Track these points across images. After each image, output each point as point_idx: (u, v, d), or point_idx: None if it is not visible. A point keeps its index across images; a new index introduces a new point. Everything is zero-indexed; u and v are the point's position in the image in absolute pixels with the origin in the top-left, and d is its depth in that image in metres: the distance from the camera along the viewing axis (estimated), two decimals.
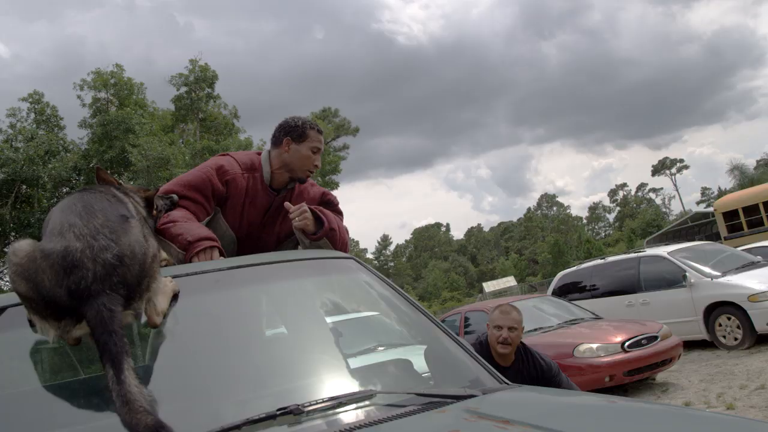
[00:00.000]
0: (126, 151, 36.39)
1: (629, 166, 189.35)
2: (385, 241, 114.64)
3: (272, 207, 3.47)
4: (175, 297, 2.40)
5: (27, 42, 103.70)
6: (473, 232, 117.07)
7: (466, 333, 11.76)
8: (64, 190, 38.82)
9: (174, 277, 2.52)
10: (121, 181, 2.87)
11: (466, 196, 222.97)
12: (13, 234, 35.15)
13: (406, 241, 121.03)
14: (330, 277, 2.95)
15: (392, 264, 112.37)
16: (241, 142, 42.08)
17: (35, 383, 2.43)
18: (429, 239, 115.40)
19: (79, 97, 40.13)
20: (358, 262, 2.99)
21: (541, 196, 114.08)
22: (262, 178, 3.47)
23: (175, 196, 3.15)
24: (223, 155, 3.58)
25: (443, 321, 12.89)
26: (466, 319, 12.03)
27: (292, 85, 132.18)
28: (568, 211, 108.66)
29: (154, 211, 2.88)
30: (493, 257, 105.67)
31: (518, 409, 2.09)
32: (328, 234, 3.22)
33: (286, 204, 3.25)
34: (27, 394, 2.33)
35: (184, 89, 41.63)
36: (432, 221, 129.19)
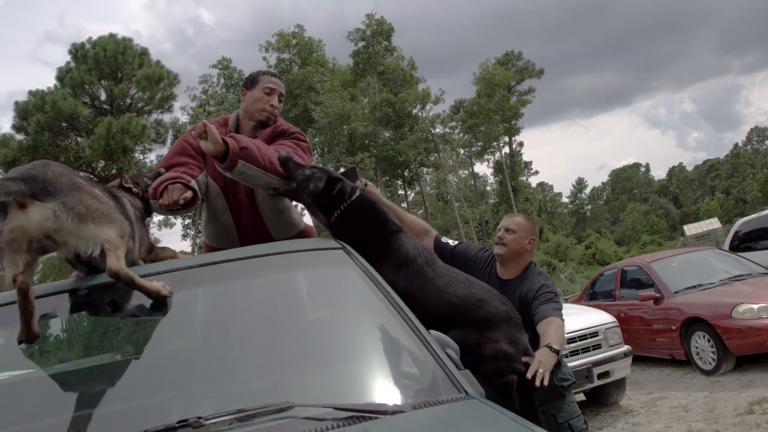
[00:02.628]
0: (309, 108, 37.74)
1: None
2: (580, 184, 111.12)
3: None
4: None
5: (228, 7, 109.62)
6: (675, 172, 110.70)
7: (622, 288, 11.11)
8: None
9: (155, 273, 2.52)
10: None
11: (668, 133, 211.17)
12: None
13: (602, 183, 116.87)
14: (308, 271, 2.80)
15: (588, 207, 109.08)
16: (419, 94, 42.21)
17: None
18: (627, 180, 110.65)
19: (264, 59, 42.14)
20: (348, 254, 2.79)
21: (752, 130, 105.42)
22: (229, 130, 3.53)
23: (161, 170, 3.26)
24: None
25: (600, 276, 12.26)
26: (623, 273, 11.32)
27: (479, 28, 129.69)
28: None
29: (137, 190, 2.98)
30: (698, 197, 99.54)
31: None
32: (240, 155, 2.96)
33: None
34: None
35: (361, 44, 42.35)
36: (632, 161, 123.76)
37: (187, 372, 2.33)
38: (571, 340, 7.66)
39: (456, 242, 4.12)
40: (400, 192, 51.84)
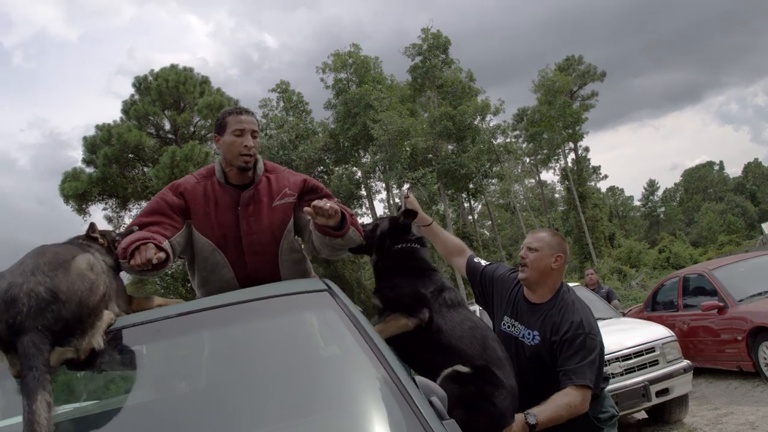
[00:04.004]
0: (368, 126, 37.86)
1: None
2: (651, 186, 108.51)
3: (241, 204, 3.36)
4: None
5: (291, 31, 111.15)
6: (751, 168, 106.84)
7: (684, 297, 10.66)
8: (319, 168, 41.60)
9: (130, 326, 2.46)
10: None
11: (742, 129, 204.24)
12: None
13: (675, 184, 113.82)
14: (289, 317, 2.69)
15: (662, 210, 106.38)
16: (478, 105, 41.89)
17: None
18: (700, 180, 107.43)
19: (322, 79, 42.61)
20: (333, 296, 2.67)
21: None
22: (218, 180, 3.43)
23: (134, 228, 3.14)
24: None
25: (662, 286, 11.81)
26: (685, 281, 10.85)
27: (539, 36, 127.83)
28: None
29: (102, 241, 2.86)
30: None
31: None
32: (350, 221, 3.20)
33: (309, 207, 3.05)
34: None
35: (418, 59, 42.32)
36: (705, 159, 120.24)
37: (155, 426, 2.25)
38: (626, 357, 7.38)
39: (487, 263, 3.88)
40: (466, 205, 51.50)
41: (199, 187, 3.41)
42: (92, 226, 2.85)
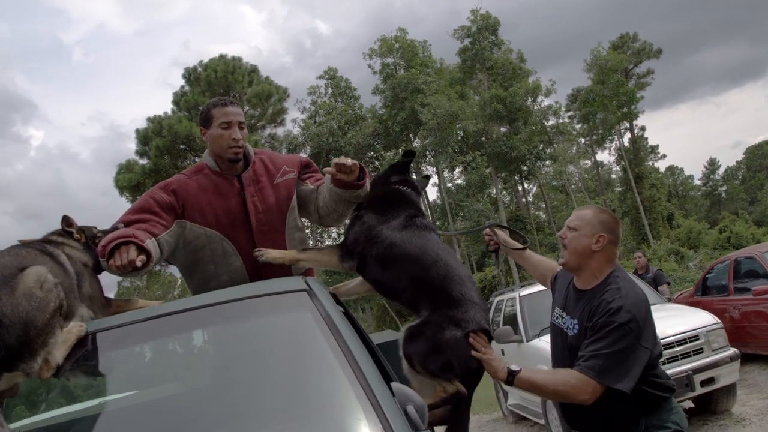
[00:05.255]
0: (416, 111, 37.62)
1: None
2: (712, 164, 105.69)
3: (245, 184, 3.37)
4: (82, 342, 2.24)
5: (343, 17, 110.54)
6: None
7: (735, 281, 10.22)
8: (370, 154, 41.62)
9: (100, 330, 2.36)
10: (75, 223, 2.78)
11: None
12: None
13: (737, 162, 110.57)
14: (263, 319, 2.55)
15: (723, 189, 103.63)
16: (529, 87, 41.24)
17: None
18: (764, 157, 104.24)
19: (369, 66, 42.54)
20: (310, 297, 2.53)
21: None
22: (212, 170, 3.41)
23: (119, 225, 3.04)
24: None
25: (712, 269, 11.37)
26: (737, 264, 10.40)
27: (593, 14, 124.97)
28: None
29: (78, 236, 2.76)
30: None
31: None
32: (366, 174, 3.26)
33: (335, 164, 3.13)
34: None
35: (468, 41, 41.84)
36: None
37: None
38: (669, 346, 7.07)
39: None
40: (519, 187, 50.89)
41: (191, 182, 3.37)
42: (66, 219, 2.73)
